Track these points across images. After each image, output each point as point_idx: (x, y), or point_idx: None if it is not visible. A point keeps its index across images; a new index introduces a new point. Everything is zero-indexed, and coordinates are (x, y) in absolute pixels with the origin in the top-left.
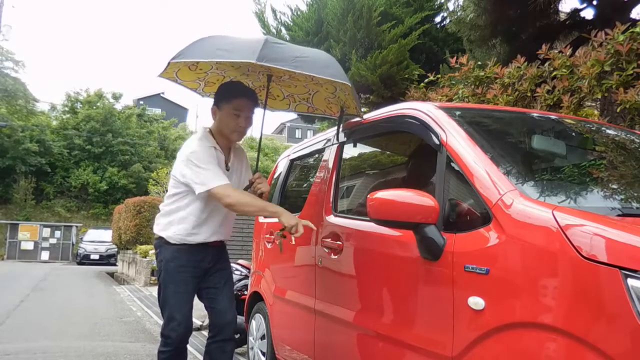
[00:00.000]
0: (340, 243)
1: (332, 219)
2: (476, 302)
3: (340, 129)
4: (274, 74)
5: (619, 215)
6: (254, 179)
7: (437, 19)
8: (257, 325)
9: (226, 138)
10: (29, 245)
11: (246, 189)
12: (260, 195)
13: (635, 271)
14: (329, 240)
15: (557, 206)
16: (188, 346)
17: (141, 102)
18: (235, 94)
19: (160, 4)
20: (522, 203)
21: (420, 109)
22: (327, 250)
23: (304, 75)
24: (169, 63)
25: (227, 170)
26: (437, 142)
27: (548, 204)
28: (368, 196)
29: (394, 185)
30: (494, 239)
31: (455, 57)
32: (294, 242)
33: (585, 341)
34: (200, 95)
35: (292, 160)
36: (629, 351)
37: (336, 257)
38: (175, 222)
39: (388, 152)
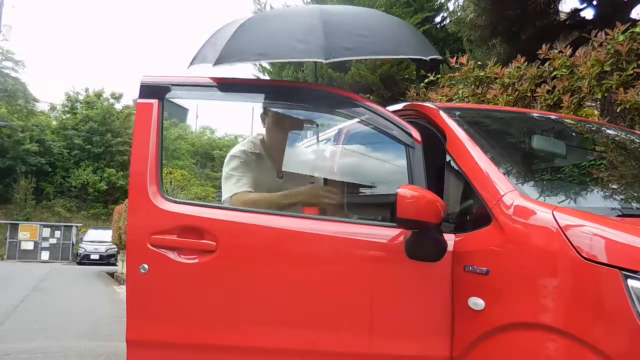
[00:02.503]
0: (213, 243)
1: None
2: (476, 302)
3: None
4: None
5: (618, 216)
6: None
7: (437, 19)
8: None
9: (278, 143)
10: (29, 245)
11: None
12: None
13: (635, 272)
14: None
15: (557, 206)
16: None
17: None
18: None
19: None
20: (522, 203)
21: (420, 109)
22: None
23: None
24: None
25: (280, 178)
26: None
27: (548, 204)
28: (397, 191)
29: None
30: (494, 239)
31: (455, 57)
32: None
33: (585, 341)
34: None
35: None
36: (628, 351)
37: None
38: None
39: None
